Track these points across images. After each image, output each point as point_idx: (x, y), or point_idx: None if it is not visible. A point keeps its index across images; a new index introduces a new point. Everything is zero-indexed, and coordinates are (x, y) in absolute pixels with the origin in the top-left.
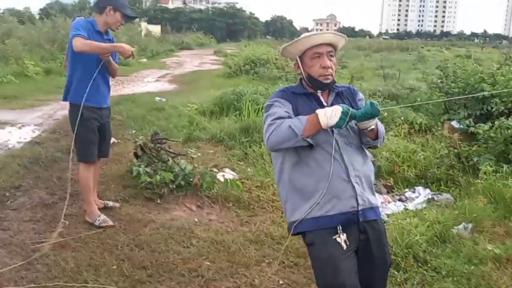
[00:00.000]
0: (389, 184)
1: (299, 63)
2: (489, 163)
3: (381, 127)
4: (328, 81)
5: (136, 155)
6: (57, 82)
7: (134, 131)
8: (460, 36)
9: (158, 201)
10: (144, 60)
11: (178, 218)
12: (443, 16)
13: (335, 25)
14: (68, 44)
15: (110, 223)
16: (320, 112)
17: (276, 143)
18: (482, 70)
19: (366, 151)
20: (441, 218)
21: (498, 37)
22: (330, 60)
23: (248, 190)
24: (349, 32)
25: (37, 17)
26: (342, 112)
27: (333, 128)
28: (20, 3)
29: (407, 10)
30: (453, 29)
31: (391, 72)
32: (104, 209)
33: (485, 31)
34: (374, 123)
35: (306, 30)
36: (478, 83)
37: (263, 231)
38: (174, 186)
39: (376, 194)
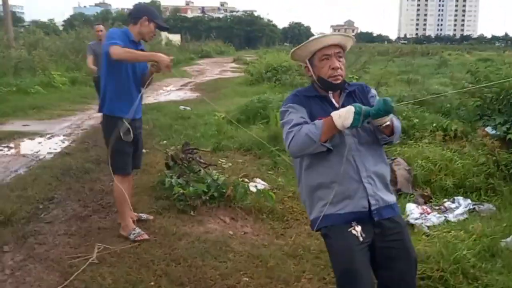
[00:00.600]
0: (426, 194)
1: (309, 66)
2: None
3: (397, 122)
4: (338, 81)
5: (168, 166)
6: (82, 92)
7: (164, 141)
8: (481, 39)
9: (192, 213)
10: None
11: (213, 231)
12: (463, 20)
13: (353, 30)
14: (102, 55)
15: (145, 236)
16: (334, 114)
17: (297, 151)
18: None
19: (382, 150)
20: (487, 230)
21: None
22: (339, 61)
23: (280, 201)
24: (368, 37)
25: (61, 28)
26: (355, 112)
27: (349, 129)
28: (44, 15)
29: (425, 15)
30: (473, 32)
31: (414, 77)
32: (138, 222)
33: (506, 34)
34: (388, 119)
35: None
36: None
37: (300, 245)
38: (207, 198)
39: (413, 205)
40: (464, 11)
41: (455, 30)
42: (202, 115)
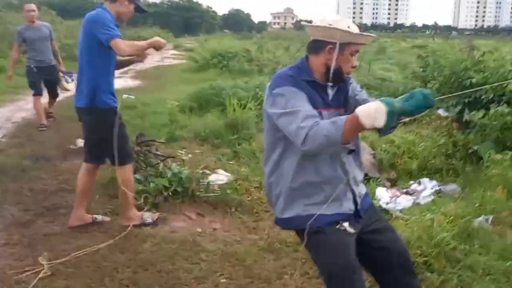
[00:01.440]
0: (392, 178)
1: (336, 50)
2: (490, 152)
3: None
4: (349, 75)
5: None
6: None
7: None
8: (413, 28)
9: (154, 211)
10: None
11: (179, 229)
12: (396, 9)
13: (292, 18)
14: (92, 43)
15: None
16: (361, 113)
17: (314, 151)
18: (466, 58)
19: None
20: (459, 211)
21: (448, 28)
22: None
23: (247, 192)
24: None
25: None
26: (388, 112)
27: (380, 129)
28: None
29: (362, 3)
30: (406, 21)
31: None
32: (93, 225)
33: (435, 23)
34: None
35: (264, 23)
36: (463, 71)
37: (275, 238)
38: (170, 193)
39: (383, 189)
40: (397, 0)
41: (389, 18)
42: (149, 104)
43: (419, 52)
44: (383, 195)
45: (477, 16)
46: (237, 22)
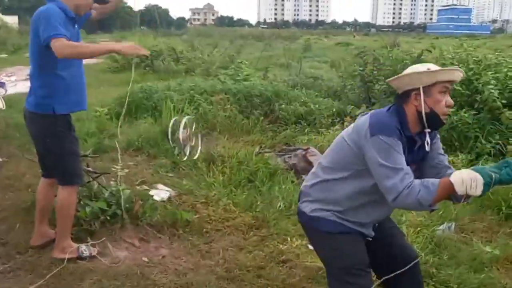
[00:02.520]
0: None
1: (422, 94)
2: None
3: None
4: (446, 120)
5: None
6: None
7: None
8: (334, 24)
9: (89, 240)
10: (5, 55)
11: (122, 260)
12: (317, 6)
13: (213, 14)
14: (34, 40)
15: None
16: (456, 181)
17: (400, 207)
18: (405, 57)
19: None
20: (422, 219)
21: (367, 25)
22: None
23: (193, 209)
24: (228, 22)
25: None
26: (485, 184)
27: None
28: None
29: (283, 0)
30: (327, 18)
31: (285, 62)
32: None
33: (355, 20)
34: None
35: (184, 20)
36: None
37: (233, 262)
38: (107, 217)
39: None
40: None
41: (310, 15)
42: None
43: (342, 49)
44: None
45: (394, 13)
46: (155, 18)
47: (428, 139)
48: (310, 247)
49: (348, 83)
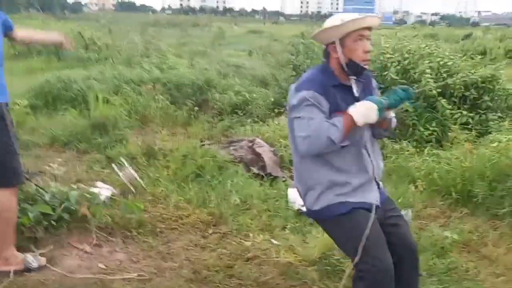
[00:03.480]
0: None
1: (338, 46)
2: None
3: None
4: (367, 66)
5: None
6: None
7: None
8: (242, 12)
9: (33, 249)
10: None
11: (76, 269)
12: None
13: None
14: None
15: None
16: (353, 113)
17: (312, 152)
18: None
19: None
20: None
21: (276, 13)
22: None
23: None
24: (130, 7)
25: None
26: (379, 109)
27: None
28: None
29: None
30: (235, 5)
31: (202, 50)
32: None
33: (264, 8)
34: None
35: (80, 4)
36: None
37: (199, 264)
38: (52, 222)
39: (294, 190)
40: None
41: (217, 2)
42: None
43: (255, 36)
44: (296, 197)
45: (301, 2)
46: (46, 1)
47: (354, 85)
48: (274, 241)
49: (279, 72)
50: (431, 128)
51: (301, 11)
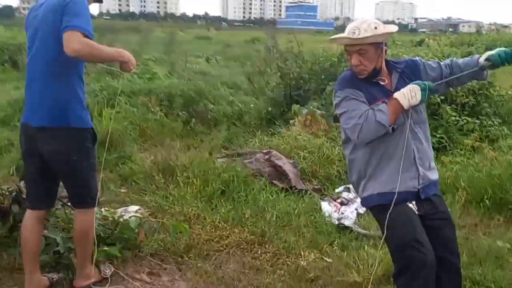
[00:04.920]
0: (318, 187)
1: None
2: None
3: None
4: (363, 76)
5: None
6: None
7: None
8: (184, 17)
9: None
10: None
11: None
12: None
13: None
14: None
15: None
16: (399, 96)
17: (367, 139)
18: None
19: (428, 128)
20: None
21: (218, 19)
22: (362, 56)
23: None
24: None
25: None
26: (422, 89)
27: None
28: None
29: None
30: (176, 11)
31: (159, 56)
32: None
33: (206, 13)
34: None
35: (11, 8)
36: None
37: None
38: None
39: (325, 203)
40: None
41: (158, 7)
42: None
43: (205, 43)
44: (330, 210)
45: (244, 8)
46: None
47: (383, 84)
48: (328, 259)
49: (258, 80)
50: (437, 135)
51: (243, 17)
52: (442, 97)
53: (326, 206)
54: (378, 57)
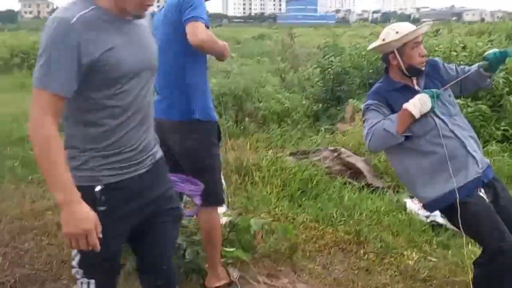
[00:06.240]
0: (392, 184)
1: (398, 55)
2: None
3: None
4: (424, 67)
5: None
6: None
7: None
8: None
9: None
10: None
11: None
12: None
13: (47, 6)
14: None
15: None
16: (408, 106)
17: (378, 147)
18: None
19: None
20: None
21: (219, 16)
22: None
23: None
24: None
25: None
26: (430, 96)
27: (429, 112)
28: None
29: None
30: None
31: None
32: None
33: (207, 11)
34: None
35: (13, 12)
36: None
37: None
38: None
39: (409, 200)
40: None
41: (158, 6)
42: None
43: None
44: (414, 207)
45: (244, 4)
46: None
47: (415, 83)
48: (433, 259)
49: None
50: (501, 128)
51: (244, 13)
52: (507, 89)
53: (411, 204)
54: None
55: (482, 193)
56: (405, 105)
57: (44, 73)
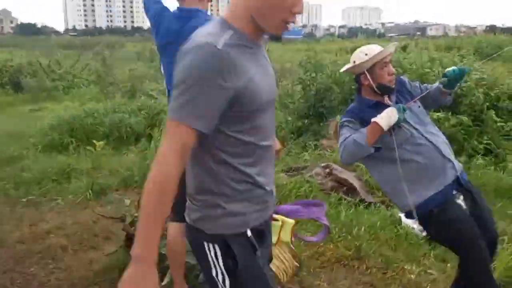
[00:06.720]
0: (383, 199)
1: (368, 75)
2: None
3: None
4: (393, 85)
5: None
6: None
7: None
8: (150, 31)
9: None
10: None
11: None
12: (131, 11)
13: (11, 22)
14: None
15: None
16: (377, 119)
17: (349, 159)
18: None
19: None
20: None
21: None
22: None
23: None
24: (31, 29)
25: None
26: (397, 109)
27: (398, 124)
28: None
29: (93, 5)
30: (143, 24)
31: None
32: None
33: None
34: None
35: None
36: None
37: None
38: None
39: (402, 215)
40: (131, 1)
41: (125, 21)
42: None
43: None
44: (409, 222)
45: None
46: None
47: (387, 100)
48: (433, 272)
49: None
50: (484, 141)
51: None
52: (488, 103)
53: (405, 219)
54: None
55: (460, 200)
56: (374, 119)
57: (186, 104)
